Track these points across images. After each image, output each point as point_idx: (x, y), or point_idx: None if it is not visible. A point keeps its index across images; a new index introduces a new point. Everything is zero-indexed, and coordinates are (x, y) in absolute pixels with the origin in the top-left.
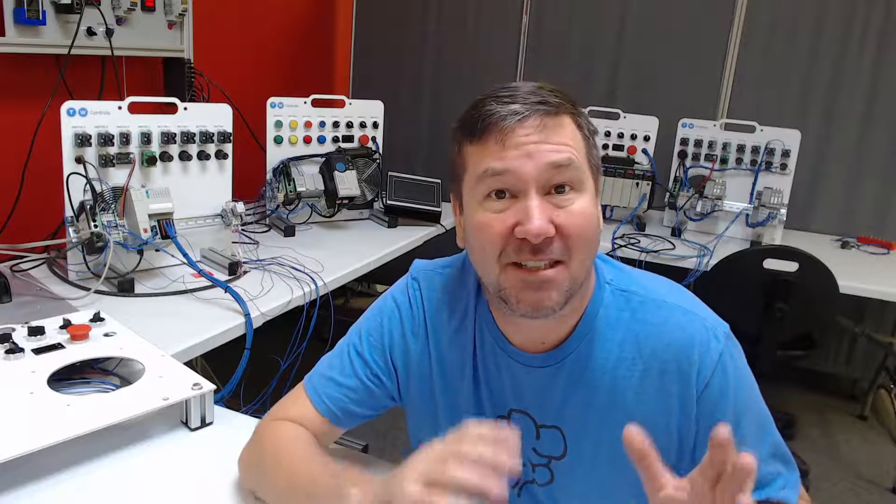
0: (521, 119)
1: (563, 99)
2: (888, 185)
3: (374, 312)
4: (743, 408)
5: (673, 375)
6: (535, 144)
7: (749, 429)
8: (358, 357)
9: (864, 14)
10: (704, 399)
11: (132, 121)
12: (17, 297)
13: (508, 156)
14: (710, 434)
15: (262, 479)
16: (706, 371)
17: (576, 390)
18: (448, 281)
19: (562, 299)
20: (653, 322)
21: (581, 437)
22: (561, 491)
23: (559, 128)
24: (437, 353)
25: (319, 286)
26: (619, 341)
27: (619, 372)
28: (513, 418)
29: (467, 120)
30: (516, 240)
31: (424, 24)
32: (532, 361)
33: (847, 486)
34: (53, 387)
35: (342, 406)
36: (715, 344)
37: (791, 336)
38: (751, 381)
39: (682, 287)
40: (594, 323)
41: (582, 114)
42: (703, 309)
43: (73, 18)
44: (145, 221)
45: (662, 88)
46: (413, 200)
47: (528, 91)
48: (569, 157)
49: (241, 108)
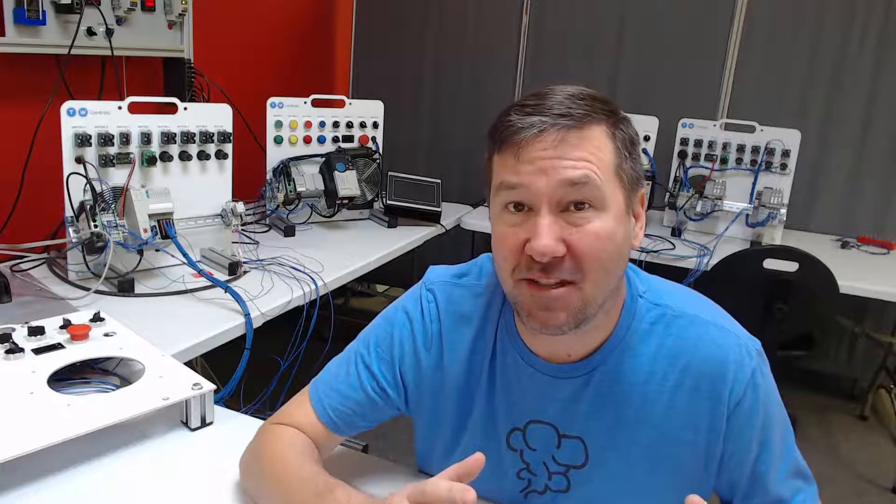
0: (539, 133)
1: (595, 109)
2: (888, 185)
3: (385, 323)
4: (769, 426)
5: (705, 392)
6: (551, 160)
7: (774, 447)
8: (366, 369)
9: (864, 14)
10: (735, 416)
11: (132, 121)
12: (17, 297)
13: (523, 170)
14: None
15: (255, 483)
16: (739, 389)
17: (603, 403)
18: (466, 290)
19: (572, 320)
20: (687, 337)
21: (605, 448)
22: (574, 499)
23: (581, 141)
24: (452, 365)
25: (319, 286)
26: (651, 355)
27: (650, 386)
28: (531, 430)
29: (493, 128)
30: (528, 257)
31: (424, 24)
32: (559, 372)
33: (847, 486)
34: (53, 387)
35: (346, 418)
36: (748, 361)
37: (791, 336)
38: (777, 398)
39: (712, 302)
40: (626, 336)
41: (620, 123)
42: (736, 325)
43: (73, 18)
44: (145, 221)
45: (662, 88)
46: (413, 200)
47: (557, 101)
48: (585, 174)
49: (241, 108)
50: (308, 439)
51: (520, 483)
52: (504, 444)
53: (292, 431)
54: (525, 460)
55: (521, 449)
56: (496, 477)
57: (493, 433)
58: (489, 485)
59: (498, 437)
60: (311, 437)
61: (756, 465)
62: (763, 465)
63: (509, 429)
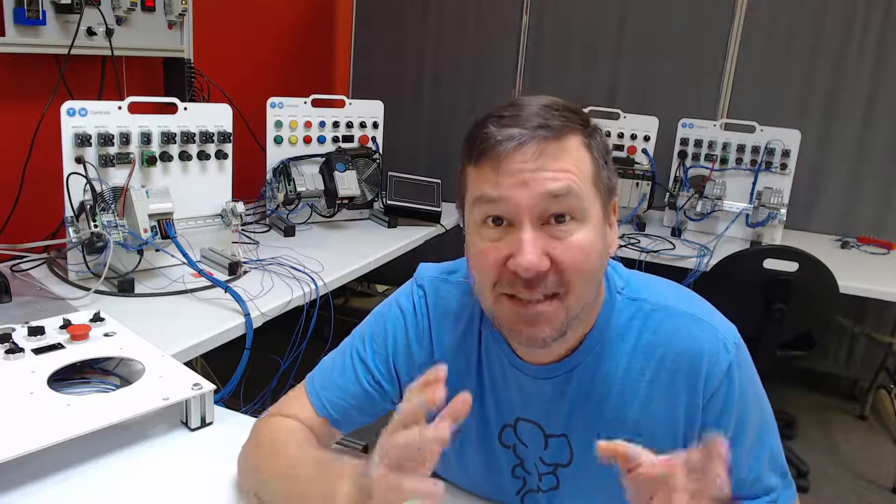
0: (519, 145)
1: (570, 119)
2: (888, 185)
3: (379, 318)
4: (743, 419)
5: (681, 385)
6: (532, 172)
7: (747, 441)
8: (361, 363)
9: (864, 14)
10: (709, 409)
11: (132, 121)
12: (17, 297)
13: (503, 183)
14: (711, 440)
15: (258, 471)
16: (714, 381)
17: (584, 401)
18: (454, 287)
19: (556, 333)
20: (663, 331)
21: (588, 446)
22: (565, 497)
23: (561, 152)
24: (441, 359)
25: (319, 286)
26: (628, 351)
27: (628, 381)
28: (521, 427)
29: (468, 140)
30: (510, 272)
31: (424, 24)
32: (539, 373)
33: (847, 486)
34: (53, 387)
35: (342, 411)
36: (724, 355)
37: (791, 336)
38: (757, 393)
39: (693, 293)
40: (604, 332)
41: (594, 133)
42: (715, 316)
43: (73, 18)
44: (145, 221)
45: (662, 88)
46: (413, 200)
47: (533, 112)
48: (567, 186)
49: (241, 108)
50: (306, 428)
51: (516, 483)
52: (497, 441)
53: (290, 421)
54: (519, 455)
55: (513, 444)
56: (493, 475)
57: (485, 430)
58: (487, 484)
59: (490, 434)
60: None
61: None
62: (735, 459)
63: (501, 425)
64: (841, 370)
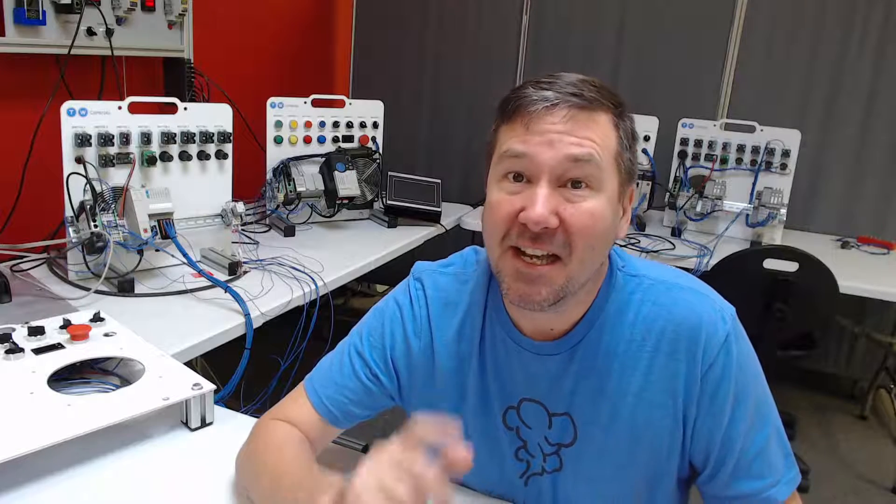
0: (551, 106)
1: (604, 97)
2: (888, 185)
3: (376, 314)
4: (743, 391)
5: (681, 355)
6: (559, 135)
7: (747, 414)
8: (358, 357)
9: (864, 14)
10: (708, 379)
11: (132, 121)
12: (17, 297)
13: (530, 140)
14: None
15: (250, 477)
16: (712, 351)
17: (586, 377)
18: (452, 278)
19: (552, 297)
20: (663, 303)
21: (590, 423)
22: (568, 477)
23: (590, 122)
24: (442, 350)
25: (319, 286)
26: (629, 324)
27: (629, 355)
28: (524, 407)
29: (504, 100)
30: (520, 224)
31: (424, 24)
32: (542, 349)
33: (847, 486)
34: (53, 387)
35: (341, 406)
36: (722, 325)
37: (791, 336)
38: (755, 367)
39: (689, 274)
40: (605, 307)
41: (624, 116)
42: (712, 292)
43: (73, 18)
44: (145, 221)
45: (662, 88)
46: (413, 200)
47: (570, 82)
48: (589, 153)
49: (241, 108)
50: (302, 435)
51: (519, 466)
52: (500, 423)
53: (288, 427)
54: (522, 438)
55: (517, 426)
56: (496, 459)
57: (488, 414)
58: (490, 469)
59: (494, 417)
60: (306, 430)
61: (728, 431)
62: (734, 432)
63: (504, 407)
64: (841, 370)
